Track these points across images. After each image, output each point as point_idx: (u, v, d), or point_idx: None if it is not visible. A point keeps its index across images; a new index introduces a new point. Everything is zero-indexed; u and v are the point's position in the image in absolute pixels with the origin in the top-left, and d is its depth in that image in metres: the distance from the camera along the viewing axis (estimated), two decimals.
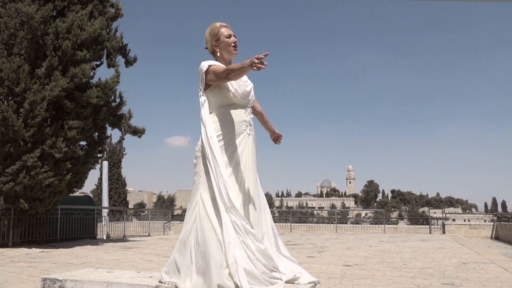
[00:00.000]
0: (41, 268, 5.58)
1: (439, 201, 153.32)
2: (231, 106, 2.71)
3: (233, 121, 2.68)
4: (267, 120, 3.11)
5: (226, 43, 2.74)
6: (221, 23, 2.78)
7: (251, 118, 2.80)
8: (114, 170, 32.59)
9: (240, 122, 2.70)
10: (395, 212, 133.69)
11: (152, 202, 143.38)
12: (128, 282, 2.68)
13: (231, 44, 2.74)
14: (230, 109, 2.70)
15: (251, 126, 2.77)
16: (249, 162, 2.69)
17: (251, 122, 2.78)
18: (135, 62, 10.80)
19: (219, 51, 2.76)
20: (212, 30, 2.77)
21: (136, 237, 13.52)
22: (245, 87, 2.73)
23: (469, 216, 76.02)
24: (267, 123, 3.12)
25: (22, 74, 8.48)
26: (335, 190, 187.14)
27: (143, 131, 10.82)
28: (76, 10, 9.35)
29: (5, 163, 8.60)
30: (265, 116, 3.09)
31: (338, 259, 6.96)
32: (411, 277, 4.94)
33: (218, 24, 2.77)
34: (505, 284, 4.43)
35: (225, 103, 2.70)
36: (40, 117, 8.49)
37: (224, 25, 2.78)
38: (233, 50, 2.76)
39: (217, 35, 2.75)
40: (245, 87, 2.73)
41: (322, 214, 79.74)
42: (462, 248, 9.30)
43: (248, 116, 2.77)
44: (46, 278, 2.91)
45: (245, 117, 2.73)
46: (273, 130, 3.14)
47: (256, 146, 2.83)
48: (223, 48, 2.75)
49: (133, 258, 7.12)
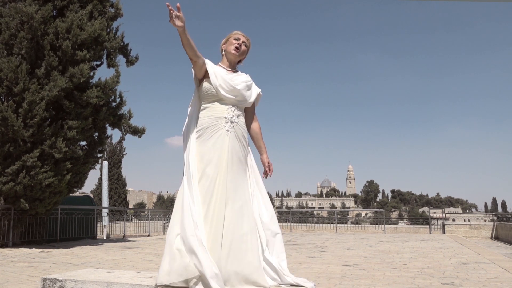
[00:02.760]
0: (41, 268, 5.58)
1: (439, 201, 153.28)
2: (214, 102, 2.79)
3: (212, 116, 2.74)
4: (257, 138, 2.94)
5: (230, 42, 2.89)
6: (240, 31, 2.94)
7: (237, 115, 2.78)
8: (114, 170, 32.59)
9: (218, 118, 2.73)
10: (395, 212, 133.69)
11: (152, 202, 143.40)
12: (128, 282, 2.67)
13: (233, 44, 2.86)
14: (212, 105, 2.79)
15: (233, 123, 2.75)
16: (223, 160, 2.67)
17: (233, 120, 2.76)
18: (136, 61, 10.79)
19: (224, 50, 2.91)
20: (228, 35, 2.95)
21: (136, 237, 13.51)
22: (232, 82, 2.78)
23: (469, 216, 76.09)
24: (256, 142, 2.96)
25: (20, 74, 8.48)
26: (335, 190, 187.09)
27: (143, 131, 10.82)
28: (75, 10, 9.35)
29: (5, 163, 8.60)
30: (254, 133, 2.94)
31: (338, 259, 6.95)
32: (411, 277, 4.93)
33: (236, 31, 2.95)
34: (505, 284, 4.43)
35: (209, 99, 2.79)
36: (39, 117, 8.49)
37: (240, 33, 2.93)
38: (233, 48, 2.85)
39: (228, 37, 2.93)
40: (232, 83, 2.78)
41: (322, 214, 79.74)
42: (462, 248, 9.29)
43: (231, 114, 2.76)
44: (46, 278, 2.91)
45: (226, 113, 2.75)
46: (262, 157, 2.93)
47: (244, 145, 2.78)
48: (227, 47, 2.90)
49: (133, 258, 7.12)
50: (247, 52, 2.96)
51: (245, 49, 2.91)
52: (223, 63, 2.92)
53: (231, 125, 2.74)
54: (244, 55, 2.95)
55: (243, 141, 2.78)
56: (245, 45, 2.90)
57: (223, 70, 2.85)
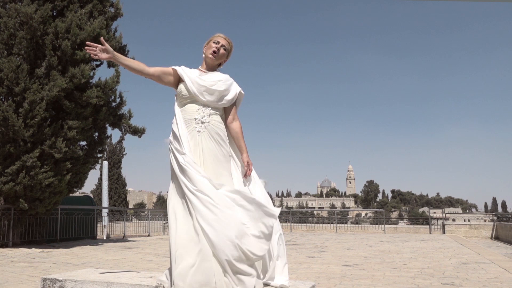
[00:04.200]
0: (41, 268, 5.58)
1: (439, 201, 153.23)
2: (186, 104, 2.80)
3: (184, 119, 2.76)
4: (237, 138, 2.81)
5: (209, 46, 2.88)
6: (222, 34, 2.92)
7: (208, 115, 2.76)
8: (114, 170, 32.60)
9: (189, 120, 2.75)
10: (395, 212, 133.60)
11: (152, 202, 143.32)
12: (128, 282, 2.67)
13: (212, 47, 2.86)
14: (184, 108, 2.80)
15: (204, 123, 2.73)
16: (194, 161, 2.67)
17: (204, 120, 2.74)
18: None
19: (204, 53, 2.92)
20: (209, 38, 2.93)
21: (136, 237, 13.51)
22: (202, 82, 2.78)
23: (469, 216, 76.06)
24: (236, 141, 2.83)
25: (21, 74, 8.48)
26: (335, 190, 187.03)
27: (143, 131, 10.82)
28: (75, 10, 9.35)
29: (5, 163, 8.59)
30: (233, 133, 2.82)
31: (338, 259, 6.95)
32: (411, 277, 4.93)
33: (218, 34, 2.93)
34: (505, 284, 4.43)
35: (182, 102, 2.82)
36: (39, 117, 8.49)
37: (222, 36, 2.91)
38: (210, 53, 2.85)
39: (209, 41, 2.91)
40: (203, 83, 2.77)
41: (322, 214, 79.66)
42: (462, 248, 9.29)
43: (202, 114, 2.75)
44: (46, 278, 2.91)
45: (196, 114, 2.75)
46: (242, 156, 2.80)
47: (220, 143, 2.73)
48: (206, 51, 2.90)
49: (133, 258, 7.12)
50: (227, 55, 2.93)
51: (224, 52, 2.88)
52: (202, 66, 2.93)
53: (202, 125, 2.72)
54: (223, 58, 2.93)
55: (218, 139, 2.73)
56: (225, 48, 2.87)
57: (197, 72, 2.87)
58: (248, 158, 2.78)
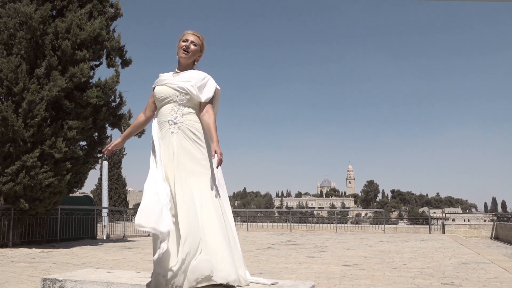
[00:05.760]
0: (41, 268, 5.58)
1: (439, 201, 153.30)
2: (161, 108, 2.84)
3: (158, 122, 2.84)
4: (208, 129, 2.73)
5: (179, 46, 2.87)
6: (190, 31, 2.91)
7: (181, 115, 2.75)
8: (114, 170, 32.63)
9: (163, 123, 2.79)
10: (395, 212, 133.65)
11: None
12: (128, 282, 2.68)
13: (181, 47, 2.85)
14: (159, 111, 2.86)
15: (177, 124, 2.73)
16: (169, 162, 2.69)
17: (177, 121, 2.74)
18: (130, 63, 10.76)
19: (177, 54, 2.90)
20: (179, 38, 2.93)
21: (136, 237, 13.52)
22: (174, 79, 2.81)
23: (469, 216, 76.03)
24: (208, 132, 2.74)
25: (20, 74, 8.48)
26: (335, 190, 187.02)
27: (143, 131, 10.81)
28: (75, 10, 9.34)
29: (5, 163, 8.59)
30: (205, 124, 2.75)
31: (338, 259, 6.96)
32: (411, 277, 4.94)
33: (186, 31, 2.91)
34: (505, 284, 4.43)
35: (157, 104, 2.88)
36: (39, 117, 8.49)
37: (190, 32, 2.89)
38: (181, 52, 2.84)
39: (178, 41, 2.89)
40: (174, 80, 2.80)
41: (322, 214, 79.63)
42: (462, 248, 9.30)
43: (174, 115, 2.75)
44: (46, 278, 2.91)
45: (169, 116, 2.76)
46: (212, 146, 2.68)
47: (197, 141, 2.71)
48: (177, 52, 2.89)
49: (133, 258, 7.12)
50: (200, 50, 2.89)
51: (195, 48, 2.84)
52: (177, 68, 2.92)
53: (175, 126, 2.73)
54: (197, 54, 2.88)
55: (193, 137, 2.71)
56: (195, 44, 2.83)
57: (170, 74, 2.88)
58: (217, 147, 2.62)
